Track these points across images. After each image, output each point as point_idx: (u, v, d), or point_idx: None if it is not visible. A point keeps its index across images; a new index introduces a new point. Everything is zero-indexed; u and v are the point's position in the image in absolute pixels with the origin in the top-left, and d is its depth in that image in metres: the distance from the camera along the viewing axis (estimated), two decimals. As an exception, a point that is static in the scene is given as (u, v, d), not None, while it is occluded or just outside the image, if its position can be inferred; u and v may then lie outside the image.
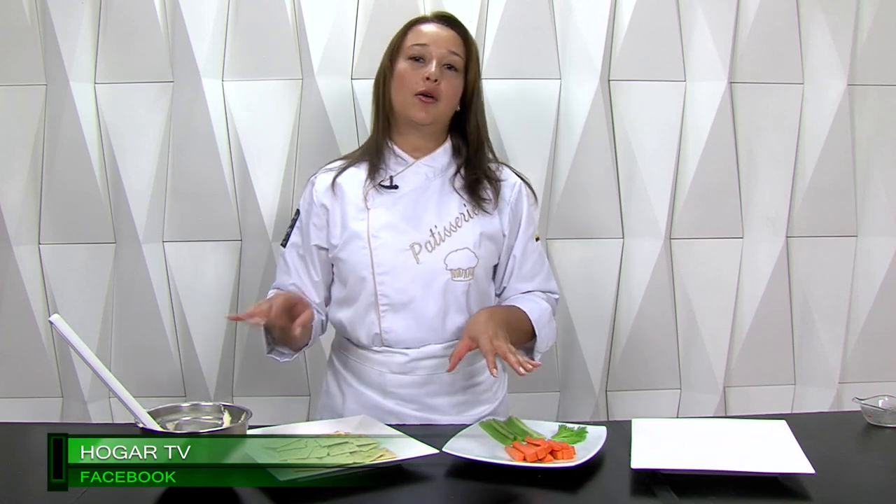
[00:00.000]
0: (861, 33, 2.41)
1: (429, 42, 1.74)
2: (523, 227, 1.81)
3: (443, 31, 1.76)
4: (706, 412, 2.45)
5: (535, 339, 1.76)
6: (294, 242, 1.82)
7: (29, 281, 2.34)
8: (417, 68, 1.73)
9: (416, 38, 1.76)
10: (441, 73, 1.73)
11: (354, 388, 1.79)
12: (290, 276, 1.81)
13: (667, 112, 2.39)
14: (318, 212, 1.79)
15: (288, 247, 1.83)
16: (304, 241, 1.80)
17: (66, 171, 2.31)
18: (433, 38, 1.74)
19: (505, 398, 1.87)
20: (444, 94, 1.74)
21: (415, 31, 1.77)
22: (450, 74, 1.74)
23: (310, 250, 1.79)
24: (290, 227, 1.84)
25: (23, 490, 1.37)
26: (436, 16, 1.80)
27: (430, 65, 1.72)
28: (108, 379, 1.32)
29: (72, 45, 2.26)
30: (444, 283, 1.73)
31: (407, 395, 1.76)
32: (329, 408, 1.85)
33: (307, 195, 1.82)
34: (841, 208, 2.47)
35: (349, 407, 1.79)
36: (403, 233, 1.73)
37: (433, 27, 1.77)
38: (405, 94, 1.74)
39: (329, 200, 1.78)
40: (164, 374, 2.39)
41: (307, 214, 1.80)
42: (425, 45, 1.73)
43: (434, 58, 1.73)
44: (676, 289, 2.46)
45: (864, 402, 1.66)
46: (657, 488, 1.32)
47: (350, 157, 1.85)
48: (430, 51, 1.73)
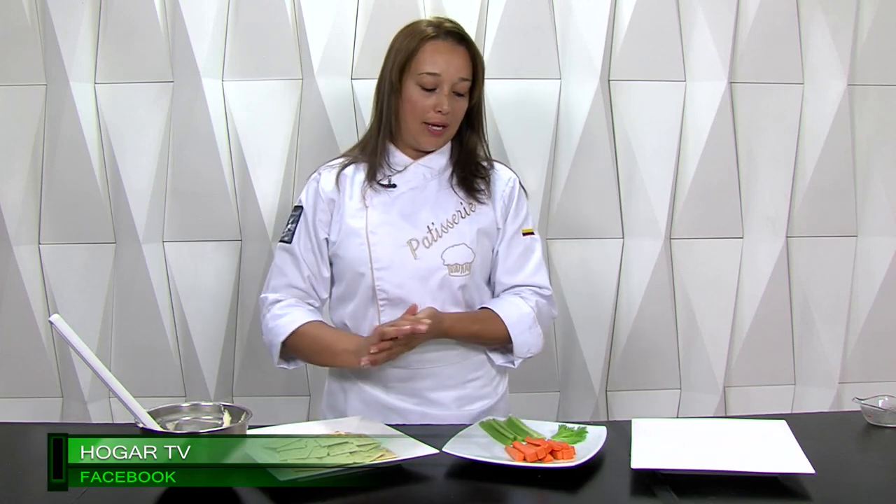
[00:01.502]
0: (861, 33, 2.41)
1: (441, 72, 1.71)
2: (510, 219, 1.82)
3: (454, 56, 1.73)
4: (706, 412, 2.45)
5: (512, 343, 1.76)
6: (301, 237, 1.80)
7: (29, 281, 2.34)
8: (428, 97, 1.72)
9: (429, 63, 1.72)
10: (451, 101, 1.73)
11: (356, 385, 1.80)
12: (302, 270, 1.79)
13: (667, 112, 2.39)
14: (325, 207, 1.79)
15: (294, 242, 1.80)
16: (314, 236, 1.79)
17: (66, 171, 2.31)
18: (445, 67, 1.72)
19: (506, 394, 1.87)
20: (454, 118, 1.75)
21: (428, 53, 1.73)
22: (459, 98, 1.75)
23: (320, 245, 1.79)
24: (291, 223, 1.82)
25: (23, 490, 1.37)
26: (447, 31, 1.76)
27: (441, 97, 1.72)
28: (108, 379, 1.32)
29: (72, 45, 2.26)
30: (441, 278, 1.73)
31: (408, 390, 1.76)
32: (332, 407, 1.85)
33: (311, 192, 1.81)
34: (841, 208, 2.47)
35: (352, 404, 1.80)
36: (401, 229, 1.74)
37: (444, 47, 1.73)
38: (414, 121, 1.74)
39: (336, 196, 1.79)
40: (164, 374, 2.39)
41: (312, 210, 1.80)
42: (437, 76, 1.72)
43: (444, 88, 1.72)
44: (676, 289, 2.46)
45: (864, 402, 1.66)
46: (657, 488, 1.32)
47: (350, 154, 1.85)
48: (441, 80, 1.72)
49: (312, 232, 1.79)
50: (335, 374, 1.85)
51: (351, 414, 1.77)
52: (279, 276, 1.81)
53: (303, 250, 1.79)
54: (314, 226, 1.79)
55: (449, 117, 1.73)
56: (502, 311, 1.77)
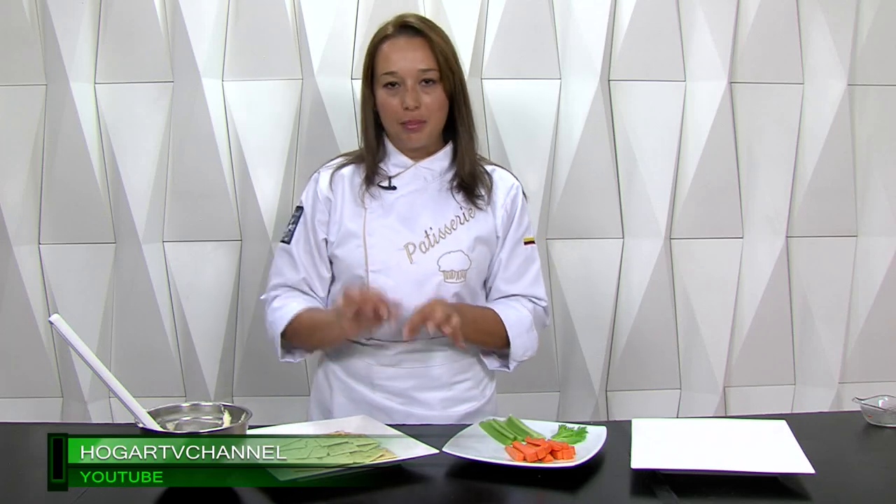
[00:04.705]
0: (861, 33, 2.41)
1: (397, 69, 1.70)
2: (513, 228, 1.81)
3: (408, 50, 1.71)
4: (706, 412, 2.45)
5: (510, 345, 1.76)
6: (300, 238, 1.81)
7: (29, 281, 2.34)
8: (394, 95, 1.71)
9: (385, 64, 1.72)
10: (419, 94, 1.70)
11: (342, 381, 1.80)
12: (298, 272, 1.80)
13: (667, 112, 2.39)
14: (322, 207, 1.79)
15: (293, 242, 1.81)
16: (312, 237, 1.80)
17: (66, 171, 2.31)
18: (400, 63, 1.70)
19: (493, 397, 1.87)
20: (429, 110, 1.72)
21: (383, 53, 1.73)
22: (429, 88, 1.72)
23: (318, 246, 1.80)
24: (291, 223, 1.83)
25: (23, 490, 1.37)
26: (397, 25, 1.75)
27: (405, 93, 1.70)
28: (108, 379, 1.32)
29: (72, 45, 2.26)
30: (436, 284, 1.73)
31: (394, 389, 1.76)
32: (318, 401, 1.85)
33: (311, 192, 1.82)
34: (841, 208, 2.47)
35: (337, 400, 1.80)
36: (398, 233, 1.74)
37: (398, 44, 1.72)
38: (391, 124, 1.74)
39: (331, 195, 1.79)
40: (164, 374, 2.39)
41: (312, 210, 1.80)
42: (395, 73, 1.70)
43: (408, 84, 1.70)
44: (676, 289, 2.46)
45: (864, 402, 1.66)
46: (657, 488, 1.32)
47: (351, 154, 1.85)
48: (401, 77, 1.70)
49: (311, 233, 1.79)
50: (323, 369, 1.86)
51: (336, 409, 1.78)
52: (277, 276, 1.83)
53: (301, 251, 1.80)
54: (313, 227, 1.79)
55: (422, 111, 1.71)
56: (502, 313, 1.77)
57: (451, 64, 1.74)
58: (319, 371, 1.88)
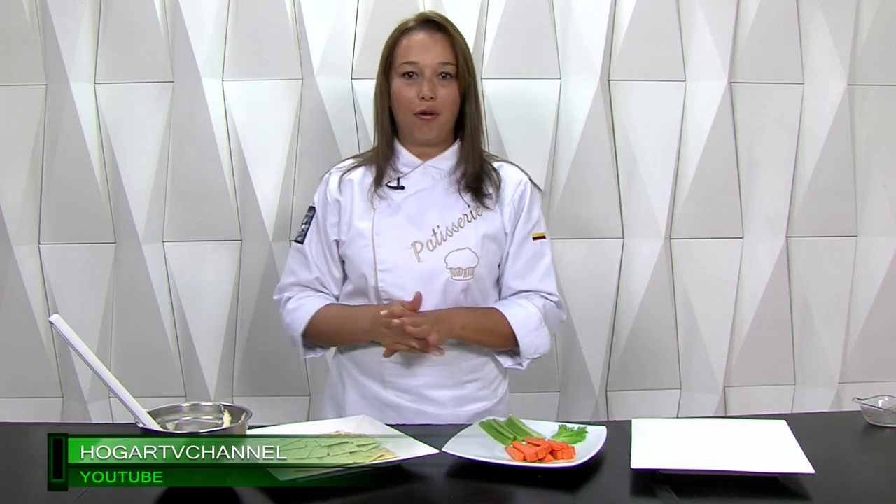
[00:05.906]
0: (861, 33, 2.41)
1: (418, 59, 1.73)
2: (520, 224, 1.81)
3: (430, 42, 1.75)
4: (706, 412, 2.45)
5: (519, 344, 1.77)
6: (313, 238, 1.83)
7: (29, 281, 2.34)
8: (412, 86, 1.74)
9: (405, 54, 1.75)
10: (436, 86, 1.73)
11: (355, 378, 1.81)
12: (312, 271, 1.82)
13: (667, 112, 2.39)
14: (332, 210, 1.81)
15: (306, 242, 1.83)
16: (324, 237, 1.82)
17: (66, 171, 2.31)
18: (422, 54, 1.74)
19: (506, 396, 1.87)
20: (443, 104, 1.75)
21: (403, 45, 1.76)
22: (445, 82, 1.75)
23: (330, 246, 1.81)
24: (305, 223, 1.85)
25: (23, 490, 1.37)
26: (420, 20, 1.78)
27: (423, 83, 1.73)
28: (108, 379, 1.32)
29: (72, 45, 2.26)
30: (443, 281, 1.74)
31: (404, 386, 1.77)
32: (332, 398, 1.87)
33: (321, 193, 1.84)
34: (841, 208, 2.47)
35: (350, 397, 1.81)
36: (406, 231, 1.75)
37: (420, 37, 1.76)
38: (405, 114, 1.76)
39: (340, 197, 1.81)
40: (164, 375, 2.39)
41: (322, 212, 1.82)
42: (415, 63, 1.74)
43: (426, 74, 1.73)
44: (676, 289, 2.46)
45: (864, 402, 1.66)
46: (657, 488, 1.32)
47: (361, 156, 1.87)
48: (420, 68, 1.73)
49: (323, 233, 1.82)
50: (337, 366, 1.87)
51: (349, 407, 1.80)
52: (290, 276, 1.86)
53: (315, 251, 1.83)
54: (325, 227, 1.82)
55: (437, 103, 1.73)
56: (508, 312, 1.77)
57: (469, 63, 1.78)
58: (333, 368, 1.90)
